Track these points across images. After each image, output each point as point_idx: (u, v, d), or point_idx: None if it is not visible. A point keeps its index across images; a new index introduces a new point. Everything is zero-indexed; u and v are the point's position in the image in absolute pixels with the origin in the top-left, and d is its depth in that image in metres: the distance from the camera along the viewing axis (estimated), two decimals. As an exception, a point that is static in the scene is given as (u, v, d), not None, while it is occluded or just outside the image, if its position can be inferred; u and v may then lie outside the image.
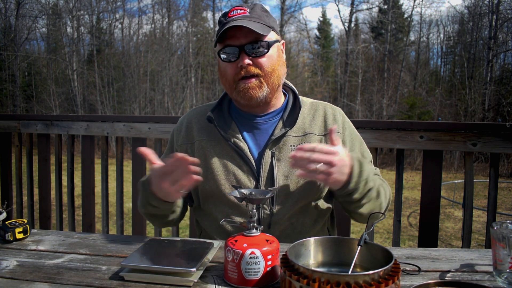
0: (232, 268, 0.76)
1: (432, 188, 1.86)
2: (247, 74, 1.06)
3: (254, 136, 1.15)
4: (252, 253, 0.75)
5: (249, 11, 1.08)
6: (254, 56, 1.06)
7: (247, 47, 1.05)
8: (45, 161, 2.63)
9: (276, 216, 1.10)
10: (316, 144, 0.92)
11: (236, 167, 1.12)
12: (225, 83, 1.12)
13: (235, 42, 1.05)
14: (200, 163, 1.10)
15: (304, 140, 1.13)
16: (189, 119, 1.22)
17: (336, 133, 1.03)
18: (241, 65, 1.05)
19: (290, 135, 1.13)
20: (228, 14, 1.09)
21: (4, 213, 1.09)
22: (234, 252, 0.76)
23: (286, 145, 1.12)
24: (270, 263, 0.76)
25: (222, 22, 1.09)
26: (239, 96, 1.09)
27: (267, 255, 0.76)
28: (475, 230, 5.90)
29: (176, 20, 22.21)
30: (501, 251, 0.75)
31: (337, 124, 1.16)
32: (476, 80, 17.41)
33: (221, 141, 1.14)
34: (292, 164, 0.95)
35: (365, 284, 0.61)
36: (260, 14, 1.09)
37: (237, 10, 1.08)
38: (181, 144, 1.19)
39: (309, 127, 1.15)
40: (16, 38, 19.14)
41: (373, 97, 19.32)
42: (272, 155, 1.11)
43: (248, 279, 0.75)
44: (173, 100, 19.77)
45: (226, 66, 1.09)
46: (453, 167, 14.36)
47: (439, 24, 22.37)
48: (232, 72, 1.08)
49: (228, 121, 1.15)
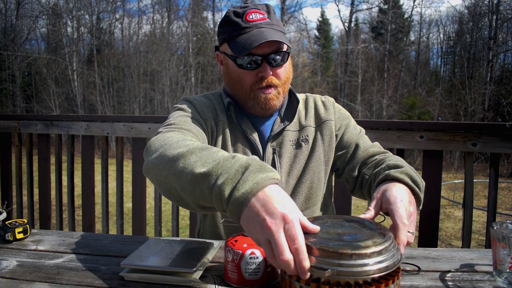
0: (232, 268, 0.76)
1: (432, 188, 1.86)
2: (268, 84, 1.05)
3: (258, 132, 1.15)
4: (252, 253, 0.75)
5: (268, 15, 1.05)
6: (274, 66, 1.05)
7: (270, 57, 1.03)
8: (45, 161, 2.63)
9: None
10: (402, 226, 0.74)
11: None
12: (238, 90, 1.09)
13: (258, 51, 1.02)
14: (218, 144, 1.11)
15: (302, 133, 1.15)
16: (209, 100, 1.16)
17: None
18: (262, 76, 1.03)
19: (289, 129, 1.14)
20: (246, 17, 1.03)
21: (4, 213, 1.09)
22: (234, 252, 0.76)
23: (285, 140, 1.13)
24: (270, 263, 0.76)
25: (238, 25, 1.03)
26: (258, 105, 1.07)
27: None
28: (475, 230, 5.90)
29: (176, 20, 22.22)
30: (501, 251, 0.75)
31: (328, 112, 1.17)
32: (476, 80, 17.41)
33: (236, 130, 1.13)
34: None
35: (365, 284, 0.61)
36: (276, 21, 1.06)
37: (256, 14, 1.03)
38: (207, 118, 1.11)
39: (304, 120, 1.16)
40: (16, 38, 19.15)
41: (373, 97, 19.33)
42: (273, 152, 1.12)
43: (248, 279, 0.75)
44: (173, 100, 19.76)
45: (242, 73, 1.05)
46: (453, 167, 14.36)
47: (439, 24, 22.38)
48: (251, 80, 1.05)
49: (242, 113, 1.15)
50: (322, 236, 0.66)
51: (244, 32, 1.02)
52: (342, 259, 0.61)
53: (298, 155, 1.13)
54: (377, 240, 0.65)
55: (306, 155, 1.13)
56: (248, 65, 1.04)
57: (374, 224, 0.72)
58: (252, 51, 1.02)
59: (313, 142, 1.15)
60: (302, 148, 1.14)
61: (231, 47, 1.04)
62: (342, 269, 0.60)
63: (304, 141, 1.14)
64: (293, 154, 1.13)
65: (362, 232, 0.68)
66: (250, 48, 0.99)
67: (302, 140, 1.14)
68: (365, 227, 0.71)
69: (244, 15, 1.04)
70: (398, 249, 0.67)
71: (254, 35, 1.00)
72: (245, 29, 1.02)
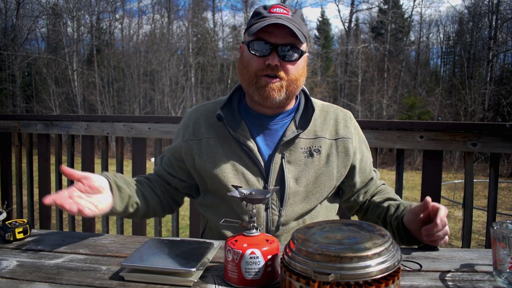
0: (232, 268, 0.76)
1: (432, 188, 1.86)
2: (271, 73, 1.05)
3: (264, 137, 1.13)
4: (252, 253, 0.75)
5: (292, 14, 1.06)
6: (284, 59, 1.04)
7: (281, 48, 1.03)
8: (45, 161, 2.63)
9: (284, 217, 1.10)
10: (440, 219, 0.91)
11: (244, 167, 1.10)
12: (244, 75, 1.09)
13: (270, 39, 1.02)
14: (208, 162, 1.12)
15: (315, 143, 1.12)
16: (197, 116, 1.19)
17: None
18: (268, 63, 1.03)
19: (302, 137, 1.12)
20: (270, 9, 1.05)
21: (4, 213, 1.09)
22: (234, 252, 0.76)
23: (297, 148, 1.11)
24: (270, 263, 0.76)
25: (261, 15, 1.06)
26: (257, 92, 1.06)
27: (267, 255, 0.76)
28: (475, 230, 5.90)
29: (176, 20, 22.23)
30: (501, 251, 0.75)
31: (348, 129, 1.16)
32: (476, 80, 17.41)
33: (229, 140, 1.12)
34: None
35: (365, 284, 0.61)
36: (299, 22, 1.06)
37: (280, 9, 1.05)
38: (187, 139, 1.16)
39: (320, 130, 1.14)
40: (16, 38, 19.15)
41: (373, 97, 19.33)
42: (282, 157, 1.10)
43: (248, 279, 0.75)
44: (173, 100, 19.77)
45: (252, 58, 1.06)
46: (453, 167, 14.36)
47: (439, 24, 22.38)
48: (257, 66, 1.05)
49: (238, 120, 1.13)
50: (322, 241, 0.67)
51: (263, 19, 1.03)
52: (344, 262, 0.61)
53: (308, 164, 1.11)
54: (377, 242, 0.65)
55: (318, 166, 1.11)
56: (258, 52, 1.04)
57: (372, 226, 0.73)
58: (264, 38, 1.03)
59: (328, 155, 1.13)
60: (313, 157, 1.11)
61: (247, 31, 1.06)
62: (344, 273, 0.60)
63: (316, 151, 1.12)
64: (303, 162, 1.11)
65: (361, 235, 0.69)
66: (259, 27, 1.00)
67: (315, 150, 1.12)
68: (363, 229, 0.71)
69: (269, 8, 1.07)
70: (398, 249, 0.67)
71: (269, 20, 1.01)
72: (265, 17, 1.04)
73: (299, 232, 0.72)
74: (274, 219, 1.09)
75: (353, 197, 1.22)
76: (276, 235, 1.10)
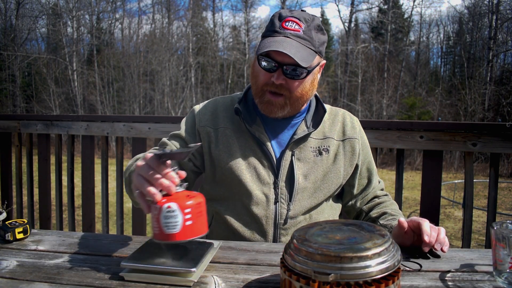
0: (154, 224, 0.76)
1: (432, 188, 1.86)
2: (276, 90, 1.08)
3: (276, 134, 1.18)
4: (168, 206, 0.74)
5: (304, 28, 1.05)
6: (289, 77, 1.06)
7: (286, 68, 1.05)
8: (45, 161, 2.63)
9: (293, 211, 1.14)
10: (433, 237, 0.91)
11: (258, 161, 1.15)
12: (253, 84, 1.13)
13: (277, 57, 1.04)
14: (224, 151, 1.15)
15: (323, 143, 1.18)
16: (215, 105, 1.23)
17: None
18: (273, 81, 1.06)
19: (312, 137, 1.17)
20: (283, 23, 1.06)
21: (4, 213, 1.09)
22: (154, 208, 0.76)
23: (307, 146, 1.16)
24: (189, 217, 0.75)
25: (274, 27, 1.07)
26: (260, 105, 1.12)
27: (185, 209, 0.75)
28: (475, 230, 5.91)
29: (176, 20, 22.23)
30: (501, 251, 0.75)
31: (355, 131, 1.22)
32: (476, 80, 17.42)
33: (245, 134, 1.16)
34: None
35: (365, 284, 0.61)
36: (313, 36, 1.06)
37: (293, 24, 1.05)
38: (205, 125, 1.19)
39: (328, 131, 1.19)
40: (16, 38, 19.16)
41: (373, 97, 19.34)
42: (292, 154, 1.15)
43: (167, 233, 0.75)
44: (173, 100, 19.78)
45: (260, 70, 1.09)
46: (453, 167, 14.37)
47: (439, 24, 22.40)
48: (264, 80, 1.08)
49: (253, 116, 1.17)
50: (323, 241, 0.67)
51: (273, 36, 1.05)
52: (344, 262, 0.61)
53: (317, 162, 1.16)
54: (377, 242, 0.65)
55: (326, 165, 1.17)
56: (265, 67, 1.07)
57: (372, 226, 0.73)
58: (271, 55, 1.05)
59: (335, 155, 1.18)
60: (322, 156, 1.17)
61: (259, 44, 1.09)
62: (344, 273, 0.61)
63: (325, 150, 1.17)
64: (312, 160, 1.16)
65: (361, 235, 0.69)
66: (263, 50, 1.03)
67: (323, 149, 1.17)
68: (363, 229, 0.71)
69: (283, 20, 1.07)
70: (398, 249, 0.67)
71: (276, 42, 1.03)
72: (275, 33, 1.06)
73: (299, 232, 0.72)
74: (283, 212, 1.13)
75: (351, 202, 1.27)
76: (284, 228, 1.14)
